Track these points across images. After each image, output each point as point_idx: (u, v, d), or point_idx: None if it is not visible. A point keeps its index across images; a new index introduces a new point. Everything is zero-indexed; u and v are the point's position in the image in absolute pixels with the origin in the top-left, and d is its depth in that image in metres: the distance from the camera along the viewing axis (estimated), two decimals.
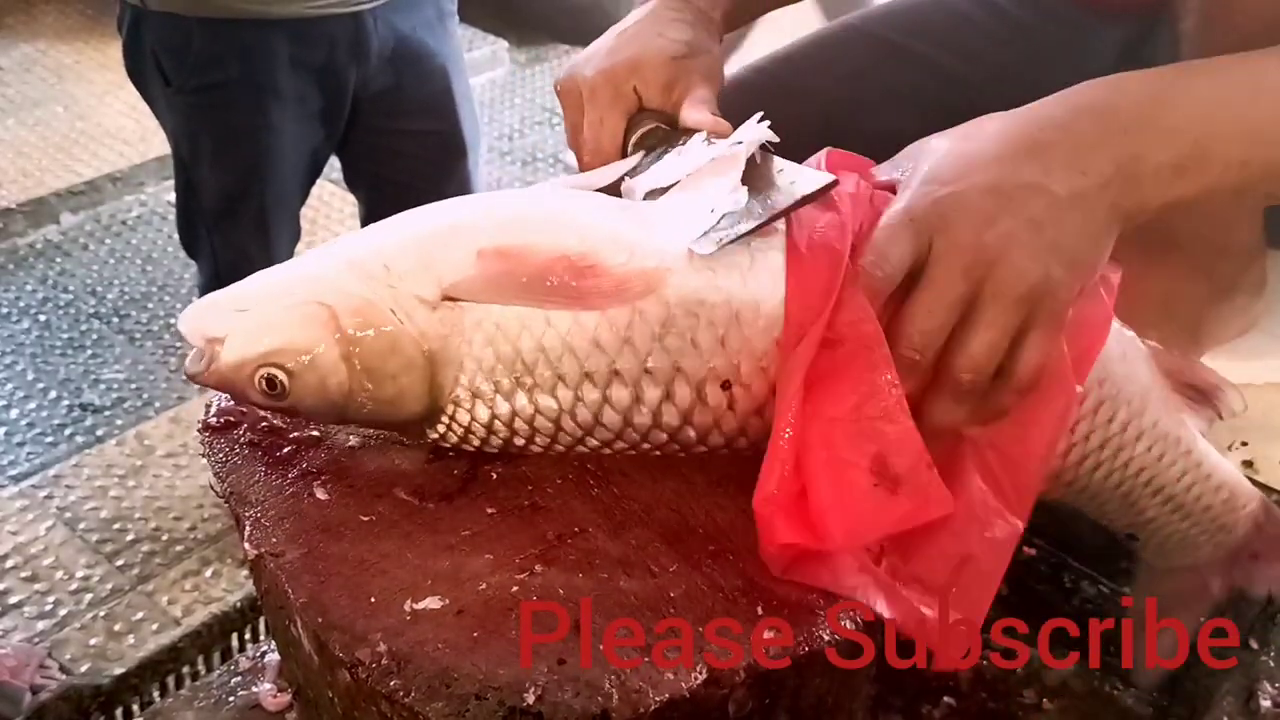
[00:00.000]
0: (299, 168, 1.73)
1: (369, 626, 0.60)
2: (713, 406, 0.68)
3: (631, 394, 0.67)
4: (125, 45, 1.67)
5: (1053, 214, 0.61)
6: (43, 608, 1.89)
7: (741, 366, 0.67)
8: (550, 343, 0.67)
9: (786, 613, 0.63)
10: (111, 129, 3.12)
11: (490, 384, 0.68)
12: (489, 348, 0.67)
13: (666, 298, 0.67)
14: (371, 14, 1.64)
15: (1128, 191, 0.63)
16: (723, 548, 0.66)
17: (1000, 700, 1.02)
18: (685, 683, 0.59)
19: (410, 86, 1.74)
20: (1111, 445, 0.73)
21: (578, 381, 0.67)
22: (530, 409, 0.68)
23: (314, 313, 0.67)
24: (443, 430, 0.70)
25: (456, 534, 0.66)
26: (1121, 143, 0.63)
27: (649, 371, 0.67)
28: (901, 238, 0.61)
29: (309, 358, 0.67)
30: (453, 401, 0.68)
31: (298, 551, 0.65)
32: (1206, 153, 0.64)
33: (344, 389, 0.67)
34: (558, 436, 0.70)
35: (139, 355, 2.47)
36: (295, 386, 0.67)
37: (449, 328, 0.67)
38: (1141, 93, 0.66)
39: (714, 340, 0.67)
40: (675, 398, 0.67)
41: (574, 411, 0.68)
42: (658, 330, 0.67)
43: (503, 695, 0.57)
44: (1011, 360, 0.61)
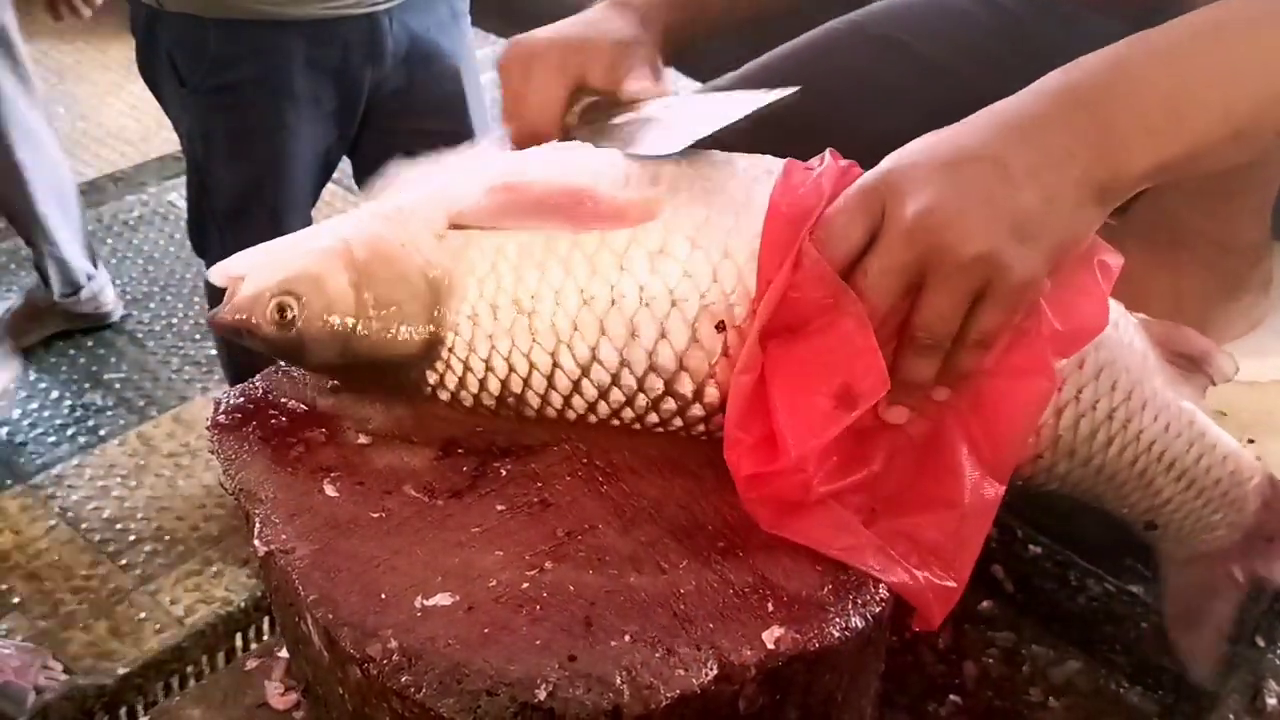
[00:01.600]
0: (312, 168, 1.73)
1: (379, 623, 0.60)
2: (707, 349, 0.69)
3: (628, 325, 0.69)
4: (139, 46, 1.67)
5: (1006, 189, 0.61)
6: (46, 608, 1.90)
7: (736, 308, 0.68)
8: (550, 268, 0.69)
9: (797, 609, 0.63)
10: (113, 129, 3.12)
11: (490, 310, 0.70)
12: (491, 274, 0.70)
13: (663, 224, 0.69)
14: (387, 14, 1.64)
15: (1097, 163, 0.62)
16: (732, 544, 0.66)
17: (1006, 698, 1.02)
18: (696, 679, 0.59)
19: (423, 87, 1.74)
20: (1119, 416, 0.73)
21: (576, 308, 0.69)
22: (529, 340, 0.70)
23: (329, 246, 0.72)
24: (441, 371, 0.71)
25: (466, 531, 0.66)
26: (1082, 117, 0.63)
27: (645, 303, 0.69)
28: (851, 209, 0.63)
29: (319, 283, 0.70)
30: (453, 330, 0.71)
31: (308, 548, 0.65)
32: (1177, 108, 0.63)
33: (350, 316, 0.70)
34: (554, 378, 0.70)
35: (141, 355, 2.47)
36: (304, 314, 0.70)
37: (454, 256, 0.71)
38: (1100, 65, 0.65)
39: (709, 273, 0.68)
40: (671, 334, 0.69)
41: (572, 343, 0.69)
42: (654, 254, 0.69)
43: (514, 691, 0.57)
44: (965, 327, 0.63)
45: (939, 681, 1.03)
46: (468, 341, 0.71)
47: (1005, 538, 1.05)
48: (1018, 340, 0.66)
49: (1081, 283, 0.67)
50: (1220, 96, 0.63)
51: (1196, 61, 0.64)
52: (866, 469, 0.67)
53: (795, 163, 0.72)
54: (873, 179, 0.64)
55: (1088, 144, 0.62)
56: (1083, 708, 1.00)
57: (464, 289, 0.71)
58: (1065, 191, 0.62)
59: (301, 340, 0.71)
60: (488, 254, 0.71)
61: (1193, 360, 0.77)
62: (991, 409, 0.68)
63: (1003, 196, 0.61)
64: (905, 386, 0.65)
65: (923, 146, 0.64)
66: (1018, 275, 0.61)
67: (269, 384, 0.77)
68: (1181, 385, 0.77)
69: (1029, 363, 0.66)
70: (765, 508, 0.66)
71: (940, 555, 0.67)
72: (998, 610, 1.08)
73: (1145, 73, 0.64)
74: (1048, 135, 0.62)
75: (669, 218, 0.70)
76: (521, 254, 0.70)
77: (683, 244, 0.69)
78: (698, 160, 0.75)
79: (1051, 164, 0.62)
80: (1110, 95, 0.63)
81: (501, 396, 0.72)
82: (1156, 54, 0.64)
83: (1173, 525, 0.80)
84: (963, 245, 0.60)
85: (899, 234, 0.61)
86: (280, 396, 0.76)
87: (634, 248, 0.69)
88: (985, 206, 0.60)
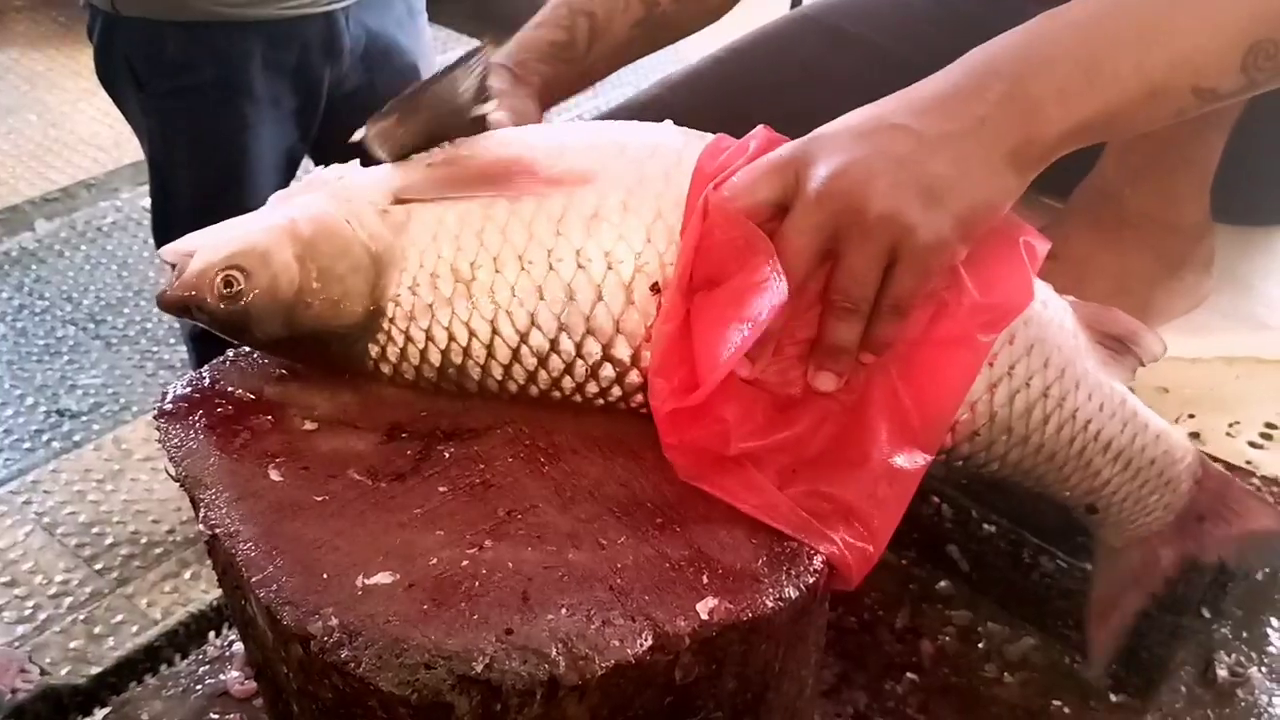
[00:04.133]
0: (274, 168, 1.74)
1: (320, 601, 0.61)
2: (643, 312, 0.70)
3: (565, 291, 0.70)
4: (97, 51, 1.67)
5: (916, 155, 0.63)
6: (22, 612, 1.90)
7: (668, 269, 0.70)
8: (489, 235, 0.72)
9: (731, 581, 0.64)
10: (85, 135, 3.12)
11: (430, 279, 0.72)
12: (431, 245, 0.72)
13: (597, 189, 0.71)
14: (344, 13, 1.65)
15: (1011, 128, 0.63)
16: (670, 520, 0.68)
17: (963, 675, 1.03)
18: (631, 649, 0.60)
19: (383, 85, 1.74)
20: (1054, 393, 0.74)
21: (515, 274, 0.71)
22: (468, 308, 0.72)
23: (276, 223, 0.74)
24: (383, 343, 0.73)
25: (409, 512, 0.68)
26: (995, 85, 0.64)
27: (581, 266, 0.70)
28: (763, 167, 0.66)
29: (265, 257, 0.72)
30: (394, 301, 0.72)
31: (252, 531, 0.66)
32: (1091, 70, 0.64)
33: (294, 287, 0.72)
34: (494, 347, 0.72)
35: (115, 360, 2.47)
36: (250, 286, 0.71)
37: (396, 229, 0.73)
38: (1015, 38, 0.67)
39: (642, 235, 0.71)
40: (607, 296, 0.70)
41: (510, 310, 0.71)
42: (589, 218, 0.71)
43: (452, 664, 0.58)
44: (880, 293, 0.64)
45: (896, 660, 1.05)
46: (408, 312, 0.72)
47: (960, 518, 1.06)
48: (940, 312, 0.67)
49: (1005, 258, 0.69)
50: (1132, 57, 0.64)
51: (1108, 26, 0.65)
52: (789, 430, 0.69)
53: (726, 135, 0.74)
54: (790, 147, 0.67)
55: (1002, 111, 0.64)
56: (1038, 682, 1.02)
57: (405, 260, 0.72)
58: (977, 157, 0.63)
59: (247, 313, 0.72)
60: (429, 226, 0.73)
61: (1121, 341, 0.78)
62: (919, 378, 0.69)
63: (913, 161, 0.63)
64: (829, 351, 0.66)
65: (842, 119, 0.67)
66: (924, 237, 0.63)
67: (216, 374, 0.78)
68: (1112, 367, 0.78)
69: (953, 334, 0.68)
70: (684, 455, 0.68)
71: (859, 517, 0.68)
72: (954, 589, 1.10)
73: (1058, 40, 0.66)
74: (962, 104, 0.64)
75: (603, 182, 0.72)
76: (461, 224, 0.72)
77: (616, 207, 0.71)
78: (634, 127, 0.77)
79: (964, 131, 0.63)
80: (1024, 63, 0.65)
81: (442, 367, 0.73)
82: (1070, 23, 0.66)
83: (1113, 508, 0.82)
84: (870, 205, 0.62)
85: (810, 195, 0.63)
86: (227, 386, 0.77)
87: (570, 213, 0.71)
88: (895, 170, 0.62)
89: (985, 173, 0.64)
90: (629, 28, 1.00)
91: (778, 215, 0.65)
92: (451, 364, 0.73)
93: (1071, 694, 0.99)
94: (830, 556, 0.66)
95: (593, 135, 0.76)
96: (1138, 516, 0.82)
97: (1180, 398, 0.95)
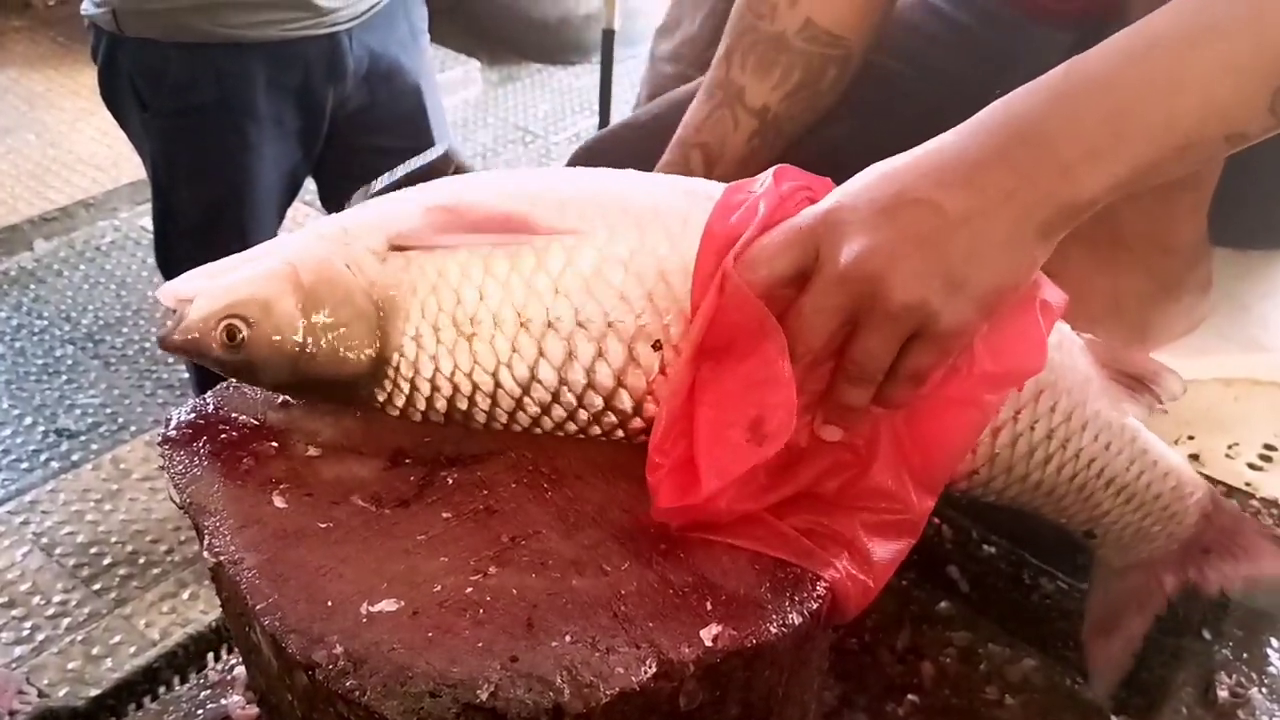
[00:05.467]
0: (277, 188, 1.74)
1: (325, 629, 0.62)
2: (645, 367, 0.70)
3: (565, 347, 0.70)
4: (101, 71, 1.68)
5: (941, 234, 0.61)
6: (20, 633, 1.90)
7: (671, 328, 0.70)
8: (489, 289, 0.71)
9: (735, 607, 0.64)
10: (84, 155, 3.13)
11: (433, 331, 0.72)
12: (432, 296, 0.72)
13: (598, 249, 0.71)
14: (347, 34, 1.66)
15: (1040, 200, 0.62)
16: (674, 546, 0.68)
17: (963, 697, 1.03)
18: (635, 677, 0.60)
19: (385, 104, 1.75)
20: (1058, 436, 0.75)
21: (514, 331, 0.71)
22: (470, 360, 0.71)
23: (275, 269, 0.73)
24: (389, 389, 0.73)
25: (412, 538, 0.68)
26: (1020, 152, 0.62)
27: (581, 325, 0.70)
28: (782, 242, 0.65)
29: (267, 307, 0.71)
30: (398, 351, 0.72)
31: (256, 558, 0.66)
32: (1120, 126, 0.62)
33: (298, 338, 0.72)
34: (497, 396, 0.72)
35: (114, 380, 2.47)
36: (253, 336, 0.71)
37: (396, 279, 0.73)
38: (1032, 98, 0.65)
39: (643, 296, 0.70)
40: (608, 354, 0.70)
41: (511, 364, 0.71)
42: (589, 278, 0.70)
43: (457, 692, 0.59)
44: (896, 364, 0.64)
45: (897, 682, 1.04)
46: (412, 361, 0.72)
47: (960, 539, 1.06)
48: (950, 374, 0.67)
49: (1021, 324, 0.68)
50: (1161, 111, 0.63)
51: (1133, 78, 0.63)
52: (792, 486, 0.69)
53: (734, 186, 0.73)
54: (811, 218, 0.65)
55: (1029, 180, 0.62)
56: (1038, 704, 1.02)
57: (407, 310, 0.72)
58: (1004, 233, 0.62)
59: (251, 361, 0.73)
60: (429, 275, 0.72)
61: (1138, 380, 0.78)
62: (924, 430, 0.69)
63: (937, 243, 0.61)
64: (839, 410, 0.67)
65: (863, 187, 0.65)
66: (947, 323, 0.62)
67: (220, 400, 0.78)
68: (1127, 403, 0.78)
69: (961, 394, 0.68)
70: (677, 518, 0.68)
71: (858, 550, 0.68)
72: (954, 610, 1.10)
73: (1084, 96, 0.63)
74: (987, 174, 0.62)
75: (604, 243, 0.71)
76: (461, 276, 0.72)
77: (617, 268, 0.70)
78: (638, 181, 0.77)
79: (990, 204, 0.62)
80: (1049, 125, 0.63)
81: (449, 412, 0.74)
82: (1091, 78, 0.64)
83: (1111, 535, 0.82)
84: (894, 294, 0.61)
85: (833, 277, 0.62)
86: (231, 412, 0.77)
87: (569, 270, 0.71)
88: (918, 255, 0.61)
89: (1011, 250, 0.63)
90: (745, 142, 1.01)
91: (795, 283, 0.65)
92: (458, 409, 0.73)
93: (1073, 716, 0.99)
94: (832, 581, 0.67)
95: (595, 187, 0.76)
96: (1138, 544, 0.82)
97: (1179, 419, 0.95)
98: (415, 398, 0.73)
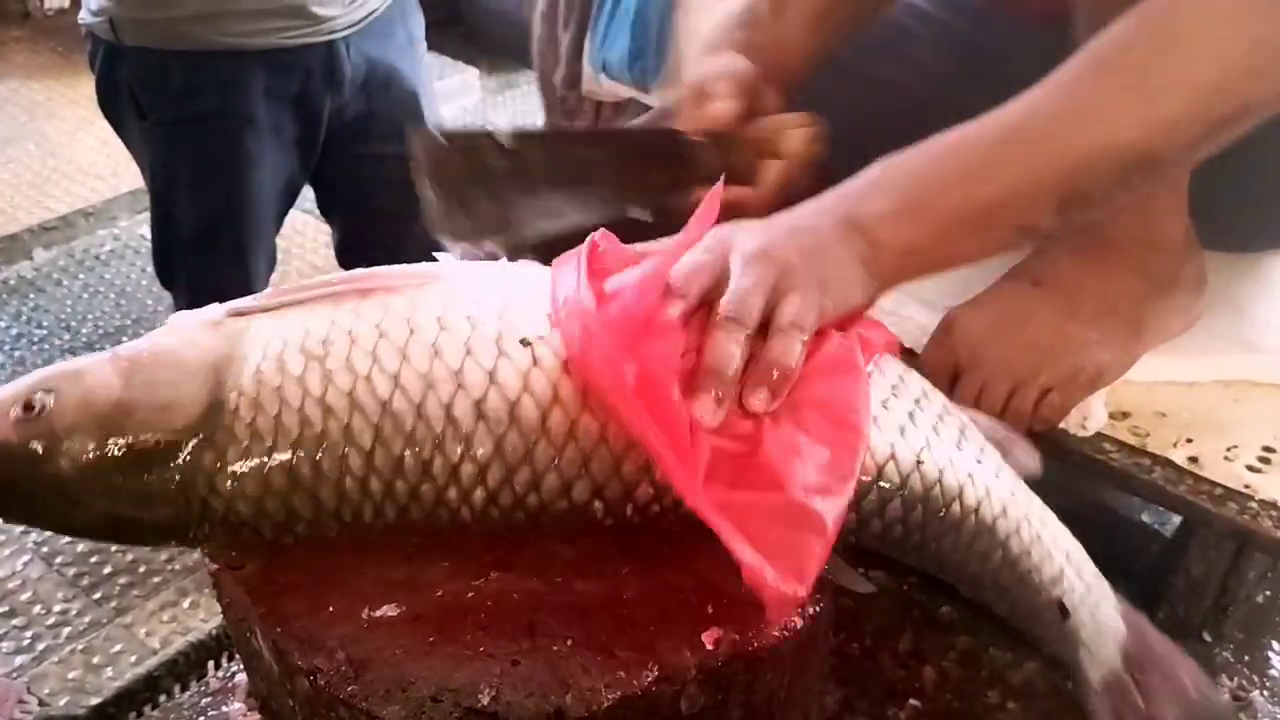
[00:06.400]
0: (275, 197, 1.74)
1: (327, 635, 0.62)
2: (517, 364, 0.66)
3: (430, 352, 0.66)
4: (99, 80, 1.67)
5: (791, 223, 0.74)
6: (20, 643, 1.89)
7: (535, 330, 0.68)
8: (341, 316, 0.68)
9: (736, 611, 0.64)
10: (83, 165, 3.13)
11: (276, 364, 0.66)
12: (276, 337, 0.67)
13: (444, 287, 0.71)
14: (345, 42, 1.66)
15: (854, 237, 0.73)
16: (675, 551, 0.68)
17: (965, 701, 1.03)
18: (637, 680, 0.60)
19: (383, 112, 1.75)
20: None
21: (373, 342, 0.66)
22: (322, 384, 0.65)
23: (97, 357, 0.68)
24: (223, 444, 0.64)
25: (413, 544, 0.68)
26: (850, 202, 0.75)
27: (445, 329, 0.67)
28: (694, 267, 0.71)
29: (78, 375, 0.66)
30: (235, 390, 0.65)
31: (257, 564, 0.66)
32: (920, 201, 0.74)
33: (112, 398, 0.65)
34: (352, 425, 0.65)
35: None
36: (59, 402, 0.64)
37: (233, 338, 0.68)
38: (882, 165, 0.76)
39: (495, 311, 0.68)
40: (477, 354, 0.66)
41: (371, 376, 0.65)
42: (437, 308, 0.68)
43: (458, 696, 0.59)
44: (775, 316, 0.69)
45: (899, 686, 1.04)
46: (253, 399, 0.64)
47: None
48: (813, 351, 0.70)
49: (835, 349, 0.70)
50: (957, 194, 0.73)
51: (939, 169, 0.75)
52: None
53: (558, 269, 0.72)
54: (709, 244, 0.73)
55: (847, 222, 0.73)
56: (1040, 709, 1.02)
57: (247, 354, 0.66)
58: (833, 250, 0.72)
59: (52, 428, 0.64)
60: (271, 324, 0.68)
61: (1000, 445, 0.77)
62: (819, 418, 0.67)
63: (790, 228, 0.73)
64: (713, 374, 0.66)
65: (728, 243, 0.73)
66: (802, 272, 0.70)
67: None
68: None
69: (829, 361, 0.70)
70: None
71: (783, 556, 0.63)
72: (956, 615, 1.10)
73: (900, 171, 0.75)
74: (825, 214, 0.74)
75: (449, 280, 0.72)
76: (309, 314, 0.68)
77: (466, 295, 0.70)
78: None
79: (824, 229, 0.73)
80: (873, 187, 0.75)
81: (292, 465, 0.65)
82: (907, 166, 0.75)
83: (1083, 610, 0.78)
84: (751, 241, 0.71)
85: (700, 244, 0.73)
86: None
87: (419, 305, 0.69)
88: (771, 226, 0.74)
89: (840, 262, 0.72)
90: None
91: None
92: (302, 455, 0.65)
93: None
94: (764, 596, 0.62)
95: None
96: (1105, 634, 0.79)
97: (1178, 421, 0.96)
98: (253, 447, 0.64)
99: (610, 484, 0.66)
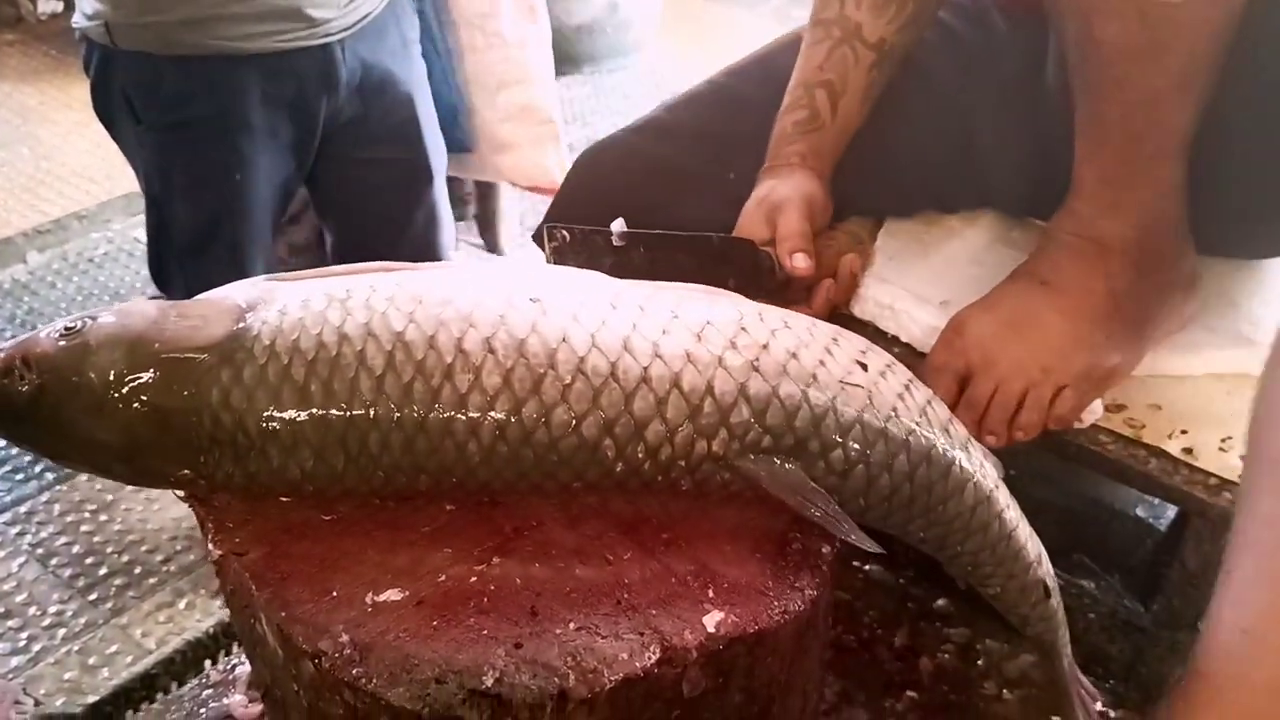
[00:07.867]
0: (270, 201, 1.74)
1: (331, 619, 0.62)
2: (525, 313, 0.70)
3: (443, 302, 0.70)
4: (94, 85, 1.67)
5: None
6: (16, 644, 1.89)
7: None
8: (358, 285, 0.72)
9: (737, 594, 0.65)
10: (77, 168, 3.13)
11: (300, 302, 0.71)
12: (300, 287, 0.73)
13: (464, 271, 0.75)
14: (340, 45, 1.65)
15: None
16: (676, 536, 0.69)
17: (962, 693, 1.04)
18: (639, 662, 0.61)
19: (377, 115, 1.75)
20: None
21: (392, 288, 0.71)
22: (341, 314, 0.69)
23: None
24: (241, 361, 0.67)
25: (416, 530, 0.68)
26: None
27: (451, 302, 0.70)
28: None
29: (121, 308, 0.71)
30: (260, 320, 0.70)
31: (261, 551, 0.67)
32: None
33: (147, 321, 0.70)
34: (366, 351, 0.67)
35: None
36: (98, 323, 0.70)
37: (264, 291, 0.73)
38: None
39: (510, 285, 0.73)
40: (489, 303, 0.70)
41: (388, 313, 0.69)
42: (456, 279, 0.73)
43: (462, 678, 0.59)
44: None
45: (896, 678, 1.05)
46: (276, 326, 0.69)
47: None
48: None
49: None
50: None
51: None
52: None
53: None
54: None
55: None
56: (1036, 699, 1.02)
57: (276, 298, 0.72)
58: None
59: (86, 344, 0.68)
60: (303, 282, 0.74)
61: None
62: None
63: None
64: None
65: None
66: None
67: None
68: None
69: None
70: None
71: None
72: (952, 607, 1.11)
73: None
74: None
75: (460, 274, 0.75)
76: (328, 277, 0.75)
77: (478, 284, 0.73)
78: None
79: None
80: None
81: (303, 383, 0.67)
82: None
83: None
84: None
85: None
86: None
87: (437, 280, 0.73)
88: None
89: None
90: (866, 73, 1.08)
91: None
92: (318, 370, 0.67)
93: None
94: None
95: None
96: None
97: (1173, 413, 0.96)
98: (269, 366, 0.67)
99: (621, 420, 0.67)
